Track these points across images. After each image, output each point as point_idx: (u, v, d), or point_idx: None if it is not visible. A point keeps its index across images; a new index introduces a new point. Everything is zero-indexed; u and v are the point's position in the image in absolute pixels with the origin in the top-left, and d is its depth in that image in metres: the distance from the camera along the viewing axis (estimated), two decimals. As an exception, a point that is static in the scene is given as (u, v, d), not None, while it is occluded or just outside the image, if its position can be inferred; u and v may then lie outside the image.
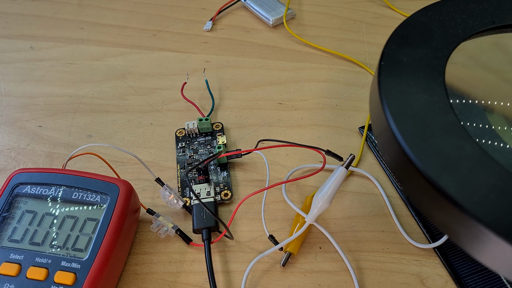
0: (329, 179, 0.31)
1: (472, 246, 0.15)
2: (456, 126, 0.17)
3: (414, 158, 0.16)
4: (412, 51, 0.20)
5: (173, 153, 0.38)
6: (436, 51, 0.20)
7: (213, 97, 0.41)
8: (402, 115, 0.17)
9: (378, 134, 0.19)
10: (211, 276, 0.29)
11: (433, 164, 0.16)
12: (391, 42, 0.21)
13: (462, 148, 0.16)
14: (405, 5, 0.52)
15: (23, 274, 0.26)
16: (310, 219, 0.31)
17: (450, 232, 0.16)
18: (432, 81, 0.19)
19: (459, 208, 0.14)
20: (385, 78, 0.19)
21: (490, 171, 0.16)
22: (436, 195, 0.15)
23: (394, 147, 0.17)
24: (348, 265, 0.31)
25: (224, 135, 0.38)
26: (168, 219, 0.32)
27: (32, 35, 0.49)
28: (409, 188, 0.18)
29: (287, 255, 0.31)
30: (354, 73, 0.45)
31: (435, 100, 0.18)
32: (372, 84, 0.20)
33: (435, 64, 0.20)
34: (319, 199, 0.31)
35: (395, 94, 0.18)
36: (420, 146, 0.16)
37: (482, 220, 0.14)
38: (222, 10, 0.52)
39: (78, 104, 0.42)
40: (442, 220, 0.16)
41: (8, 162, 0.38)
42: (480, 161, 0.16)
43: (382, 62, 0.20)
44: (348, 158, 0.31)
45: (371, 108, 0.20)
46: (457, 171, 0.16)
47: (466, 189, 0.15)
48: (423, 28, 0.21)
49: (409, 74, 0.19)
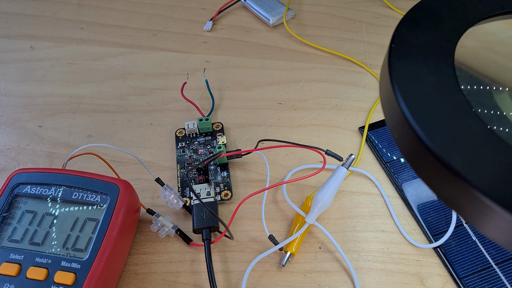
0: (329, 179, 0.31)
1: (479, 221, 0.16)
2: (464, 106, 0.18)
3: (423, 137, 0.16)
4: (422, 34, 0.21)
5: (173, 153, 0.38)
6: (446, 34, 0.21)
7: (213, 97, 0.41)
8: (412, 96, 0.18)
9: (389, 116, 0.19)
10: (211, 276, 0.29)
11: (442, 142, 0.16)
12: (402, 25, 0.21)
13: (470, 127, 0.17)
14: (405, 5, 0.52)
15: (23, 274, 0.26)
16: (310, 219, 0.31)
17: (457, 207, 0.17)
18: (441, 63, 0.19)
19: (467, 183, 0.15)
20: (395, 60, 0.19)
21: (497, 149, 0.16)
22: (444, 171, 0.16)
23: (404, 127, 0.17)
24: (348, 265, 0.31)
25: (224, 135, 0.38)
26: (168, 219, 0.32)
27: (32, 35, 0.49)
28: (418, 167, 0.18)
29: (287, 255, 0.31)
30: (354, 73, 0.45)
31: (445, 81, 0.19)
32: (382, 67, 0.21)
33: (444, 47, 0.20)
34: (319, 199, 0.31)
35: (405, 75, 0.19)
36: (429, 125, 0.17)
37: (489, 195, 0.15)
38: (222, 10, 0.52)
39: (78, 104, 0.42)
40: (450, 196, 0.17)
41: (8, 162, 0.38)
42: (487, 139, 0.17)
43: (392, 44, 0.20)
44: (348, 158, 0.31)
45: (381, 89, 0.20)
46: (465, 149, 0.16)
47: (473, 165, 0.16)
48: (433, 12, 0.22)
49: (419, 56, 0.20)
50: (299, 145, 0.33)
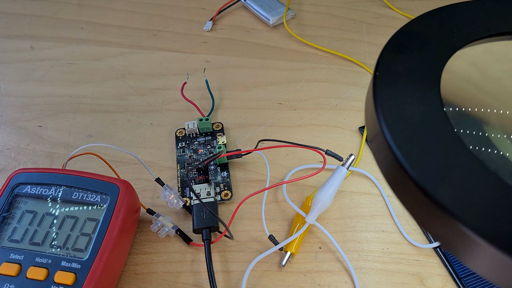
0: (329, 179, 0.31)
1: (467, 256, 0.15)
2: (452, 136, 0.17)
3: (409, 170, 0.16)
4: (407, 61, 0.20)
5: (173, 153, 0.38)
6: (431, 60, 0.20)
7: (213, 97, 0.41)
8: (397, 127, 0.17)
9: (375, 147, 0.18)
10: (211, 276, 0.29)
11: (428, 175, 0.15)
12: (386, 51, 0.21)
13: (458, 159, 0.16)
14: (405, 5, 0.52)
15: (23, 274, 0.26)
16: (310, 219, 0.31)
17: (445, 242, 0.16)
18: (427, 91, 0.19)
19: (455, 219, 0.14)
20: (380, 89, 0.19)
21: (486, 182, 0.15)
22: (431, 206, 0.15)
23: (389, 159, 0.17)
24: (348, 265, 0.31)
25: (224, 135, 0.38)
26: (168, 219, 0.32)
27: (32, 35, 0.49)
28: (405, 200, 0.17)
29: (287, 255, 0.31)
30: (354, 73, 0.45)
31: (431, 110, 0.18)
32: (367, 95, 0.20)
33: (430, 73, 0.19)
34: (319, 199, 0.31)
35: (391, 105, 0.18)
36: (415, 157, 0.16)
37: (479, 231, 0.14)
38: (222, 10, 0.52)
39: (78, 104, 0.42)
40: (437, 231, 0.16)
41: (8, 162, 0.38)
42: (477, 171, 0.16)
43: (377, 72, 0.19)
44: (349, 158, 0.31)
45: (366, 119, 0.20)
46: (453, 182, 0.15)
47: (462, 200, 0.15)
48: (418, 37, 0.21)
49: (404, 84, 0.19)
50: (299, 145, 0.33)
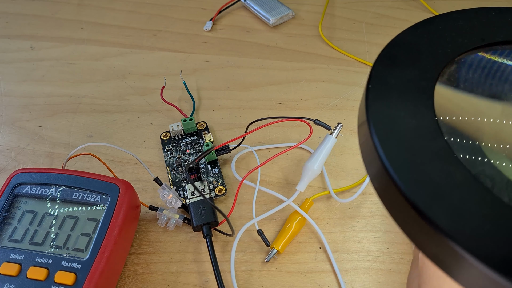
0: (318, 148, 0.32)
1: (463, 278, 0.15)
2: (446, 152, 0.16)
3: (403, 187, 0.15)
4: (400, 73, 0.19)
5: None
6: (425, 71, 0.19)
7: (193, 98, 0.41)
8: (390, 142, 0.16)
9: (367, 163, 0.18)
10: (216, 271, 0.29)
11: (422, 194, 0.15)
12: (378, 63, 0.20)
13: (452, 176, 0.16)
14: (405, 5, 0.52)
15: (24, 274, 0.26)
16: (300, 187, 0.32)
17: (441, 263, 0.15)
18: (420, 104, 0.18)
19: (450, 239, 0.14)
20: (373, 103, 0.18)
21: (482, 200, 0.15)
22: (425, 226, 0.15)
23: (382, 175, 0.16)
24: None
25: (210, 133, 0.38)
26: (173, 210, 0.32)
27: (32, 35, 0.49)
28: (398, 217, 0.17)
29: (273, 252, 0.31)
30: (354, 73, 0.45)
31: (425, 125, 0.17)
32: (360, 109, 0.19)
33: (424, 85, 0.19)
34: (308, 167, 0.31)
35: (384, 120, 0.17)
36: (408, 174, 0.16)
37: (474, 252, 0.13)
38: (222, 10, 0.52)
39: (78, 104, 0.42)
40: (431, 250, 0.15)
41: (8, 162, 0.38)
42: (472, 189, 0.15)
43: (369, 85, 0.19)
44: (337, 127, 0.32)
45: (360, 135, 0.19)
46: (448, 201, 0.15)
47: (457, 220, 0.14)
48: (411, 48, 0.20)
49: (397, 98, 0.18)
50: (287, 118, 0.34)
